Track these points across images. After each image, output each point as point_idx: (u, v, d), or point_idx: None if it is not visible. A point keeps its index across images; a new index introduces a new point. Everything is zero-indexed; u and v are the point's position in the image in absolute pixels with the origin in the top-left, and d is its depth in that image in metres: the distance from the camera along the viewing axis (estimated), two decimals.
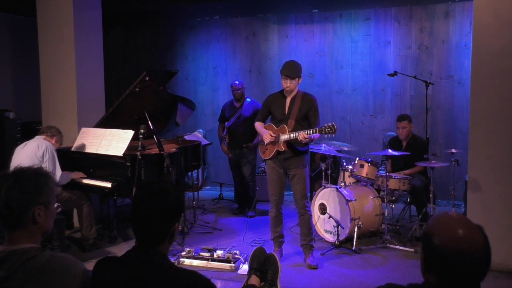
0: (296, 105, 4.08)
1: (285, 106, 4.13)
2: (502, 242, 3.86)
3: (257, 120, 4.33)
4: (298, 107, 4.07)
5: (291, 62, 4.11)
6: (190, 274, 1.56)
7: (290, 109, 4.10)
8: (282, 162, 4.12)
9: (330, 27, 6.90)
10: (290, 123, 4.04)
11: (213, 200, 6.74)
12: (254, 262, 2.76)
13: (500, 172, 4.02)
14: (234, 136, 5.82)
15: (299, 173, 4.11)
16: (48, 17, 5.58)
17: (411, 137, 5.18)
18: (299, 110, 4.06)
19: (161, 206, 1.59)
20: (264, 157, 4.21)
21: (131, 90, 4.61)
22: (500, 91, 3.99)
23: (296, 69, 4.05)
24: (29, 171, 1.62)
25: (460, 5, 6.30)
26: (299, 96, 4.12)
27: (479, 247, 1.29)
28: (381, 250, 4.52)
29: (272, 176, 4.18)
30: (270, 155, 4.13)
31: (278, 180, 4.17)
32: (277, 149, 4.06)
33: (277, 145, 4.07)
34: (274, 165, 4.16)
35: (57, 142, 4.52)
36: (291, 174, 4.14)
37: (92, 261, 3.23)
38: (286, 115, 4.09)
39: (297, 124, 4.05)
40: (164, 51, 7.79)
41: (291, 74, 4.01)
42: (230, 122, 5.81)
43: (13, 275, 1.48)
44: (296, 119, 4.05)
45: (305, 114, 4.08)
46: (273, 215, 4.25)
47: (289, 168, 4.13)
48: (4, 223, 1.57)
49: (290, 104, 4.11)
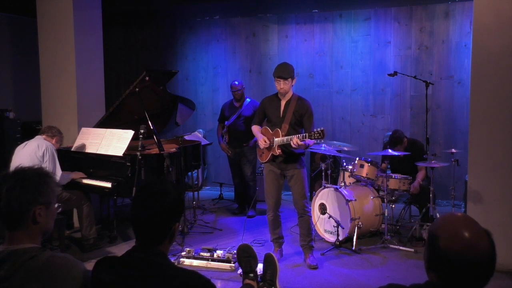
0: (290, 109, 4.06)
1: (280, 109, 4.12)
2: (502, 242, 3.81)
3: (254, 123, 4.33)
4: (293, 111, 4.05)
5: (282, 64, 4.10)
6: (190, 274, 1.56)
7: (284, 113, 4.08)
8: (279, 164, 4.12)
9: (330, 27, 6.90)
10: (284, 126, 4.03)
11: (213, 200, 6.74)
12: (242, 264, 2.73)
13: (500, 172, 4.02)
14: (234, 135, 5.83)
15: (297, 173, 4.11)
16: (48, 17, 5.57)
17: (408, 142, 5.15)
18: (293, 114, 4.05)
19: (162, 206, 1.59)
20: (261, 160, 4.21)
21: (131, 90, 4.61)
22: (500, 91, 3.99)
23: (287, 70, 4.03)
24: (30, 171, 1.62)
25: (460, 5, 6.29)
26: (294, 99, 4.10)
27: (483, 253, 1.27)
28: (381, 250, 4.52)
29: (269, 179, 4.18)
30: (266, 159, 4.13)
31: (275, 183, 4.17)
32: (272, 153, 4.06)
33: (272, 150, 4.06)
34: (272, 167, 4.15)
35: (57, 142, 4.53)
36: (289, 175, 4.14)
37: (92, 261, 3.23)
38: (281, 118, 4.09)
39: (291, 128, 4.04)
40: (164, 51, 7.79)
41: (283, 74, 3.99)
42: (230, 121, 5.81)
43: (14, 275, 1.48)
44: (290, 123, 4.04)
45: (299, 119, 4.06)
46: (270, 218, 4.25)
47: (286, 170, 4.13)
48: (5, 223, 1.57)
49: (284, 108, 4.10)
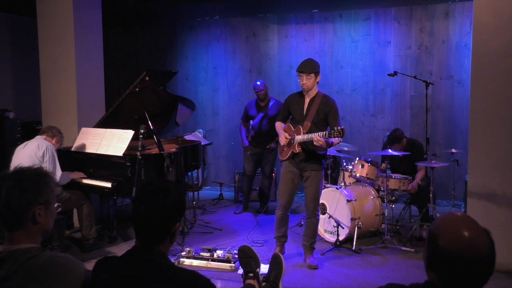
0: (314, 106, 3.99)
1: (304, 106, 4.06)
2: (502, 242, 3.83)
3: (278, 120, 4.29)
4: (316, 109, 3.98)
5: (307, 59, 4.05)
6: (190, 274, 1.57)
7: (308, 110, 4.02)
8: (298, 163, 4.07)
9: (330, 27, 6.90)
10: (306, 124, 3.97)
11: (213, 200, 6.74)
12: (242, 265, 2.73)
13: (500, 172, 4.02)
14: (259, 134, 5.80)
15: (313, 175, 4.05)
16: (48, 17, 5.57)
17: (407, 142, 5.15)
18: (317, 112, 3.98)
19: (163, 205, 1.59)
20: (281, 158, 4.17)
21: (131, 90, 4.61)
22: (500, 91, 3.99)
23: (310, 65, 3.97)
24: (29, 171, 1.62)
25: (460, 5, 6.29)
26: (318, 97, 4.02)
27: (483, 252, 1.28)
28: (381, 250, 4.52)
29: (285, 178, 4.12)
30: (286, 156, 4.09)
31: (290, 184, 4.11)
32: (292, 150, 4.01)
33: (292, 147, 4.01)
34: (290, 166, 4.10)
35: (57, 142, 4.52)
36: (305, 176, 4.09)
37: (92, 261, 3.23)
38: (304, 115, 4.02)
39: (314, 126, 3.96)
40: (164, 51, 7.79)
41: (305, 69, 3.94)
42: (256, 121, 5.78)
43: (14, 275, 1.48)
44: (313, 121, 3.97)
45: (323, 117, 3.99)
46: (279, 215, 4.21)
47: (304, 170, 4.08)
48: (4, 223, 1.57)
49: (308, 105, 4.03)
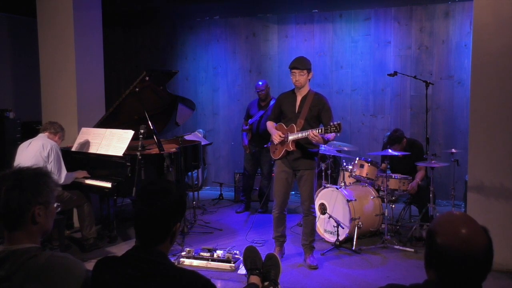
0: (307, 104, 4.01)
1: (296, 104, 4.07)
2: (502, 242, 3.85)
3: (269, 119, 4.28)
4: (309, 106, 4.00)
5: (299, 56, 4.09)
6: (190, 274, 1.56)
7: (300, 108, 4.03)
8: (291, 162, 4.07)
9: (330, 27, 6.89)
10: (300, 122, 3.98)
11: (213, 200, 6.74)
12: (247, 262, 2.75)
13: (500, 172, 4.02)
14: (256, 133, 5.81)
15: (307, 174, 4.07)
16: (48, 17, 5.57)
17: (407, 142, 5.15)
18: (310, 110, 3.99)
19: (164, 204, 1.59)
20: (274, 157, 4.17)
21: (131, 90, 4.61)
22: (500, 91, 3.99)
23: (303, 61, 4.00)
24: (29, 171, 1.62)
25: (460, 5, 6.29)
26: (310, 95, 4.04)
27: (481, 250, 1.29)
28: (381, 250, 4.52)
29: (279, 178, 4.14)
30: (279, 155, 4.08)
31: (284, 183, 4.13)
32: (286, 149, 4.01)
33: (285, 145, 4.01)
34: (283, 165, 4.11)
35: (60, 138, 4.53)
36: (299, 174, 4.10)
37: (92, 261, 3.22)
38: (296, 113, 4.03)
39: (307, 123, 3.98)
40: (164, 51, 7.79)
41: (298, 65, 3.96)
42: (254, 119, 5.80)
43: (13, 275, 1.48)
44: (306, 119, 3.98)
45: (316, 114, 4.01)
46: (276, 215, 4.22)
47: (297, 169, 4.09)
48: (4, 223, 1.57)
49: (300, 103, 4.05)
